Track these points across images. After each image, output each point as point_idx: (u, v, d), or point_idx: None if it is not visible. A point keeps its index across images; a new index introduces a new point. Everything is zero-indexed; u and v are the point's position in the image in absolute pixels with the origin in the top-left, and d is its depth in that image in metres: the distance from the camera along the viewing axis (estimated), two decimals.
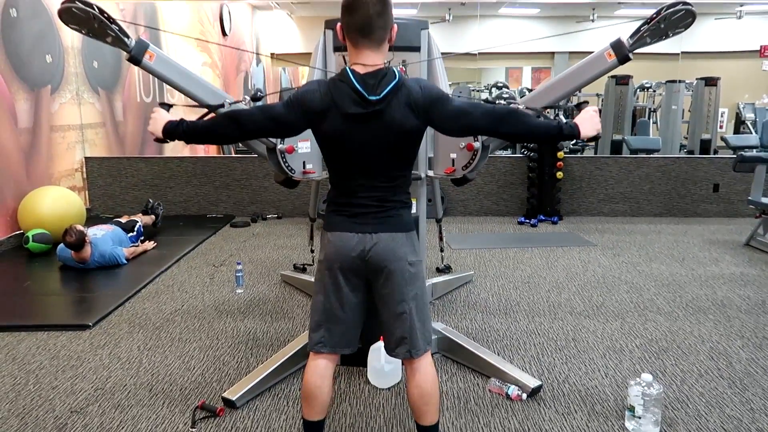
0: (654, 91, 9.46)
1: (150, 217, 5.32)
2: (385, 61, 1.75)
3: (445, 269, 4.17)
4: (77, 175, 5.95)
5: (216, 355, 2.89)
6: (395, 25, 1.74)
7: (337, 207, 1.83)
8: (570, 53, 11.46)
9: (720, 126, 8.82)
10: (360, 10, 1.67)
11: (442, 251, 4.15)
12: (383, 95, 1.67)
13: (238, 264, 3.92)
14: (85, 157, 6.05)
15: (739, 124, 10.13)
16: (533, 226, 5.73)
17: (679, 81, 8.08)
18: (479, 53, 10.24)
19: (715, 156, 7.09)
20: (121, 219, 4.94)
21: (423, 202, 2.86)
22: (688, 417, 2.32)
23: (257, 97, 2.38)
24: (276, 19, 11.50)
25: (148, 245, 4.74)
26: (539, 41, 10.39)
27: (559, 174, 5.93)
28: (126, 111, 6.90)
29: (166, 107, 1.94)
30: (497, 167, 6.13)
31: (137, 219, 4.95)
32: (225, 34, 9.45)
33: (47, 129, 5.43)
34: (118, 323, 3.31)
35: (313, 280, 1.92)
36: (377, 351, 2.53)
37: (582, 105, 1.90)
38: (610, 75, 7.34)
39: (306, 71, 3.33)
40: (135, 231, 4.75)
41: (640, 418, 2.20)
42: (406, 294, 1.80)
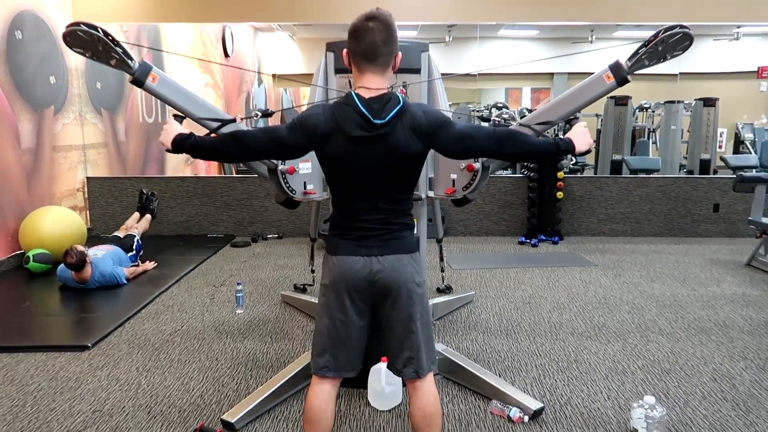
0: (653, 112, 9.50)
1: (147, 220, 5.27)
2: (389, 86, 1.78)
3: (446, 289, 4.16)
4: (79, 195, 5.97)
5: (215, 377, 2.88)
6: (400, 53, 1.77)
7: (341, 230, 1.83)
8: (569, 74, 11.54)
9: (719, 146, 8.84)
10: (366, 36, 1.70)
11: (442, 271, 4.14)
12: (388, 119, 1.70)
13: (238, 284, 3.92)
14: (87, 177, 6.07)
15: (738, 144, 10.16)
16: (534, 246, 5.73)
17: (678, 101, 8.12)
18: (479, 74, 10.31)
19: (715, 176, 7.10)
20: (119, 233, 4.94)
21: (424, 222, 2.87)
22: None
23: (267, 113, 2.41)
24: (278, 41, 11.62)
25: (148, 265, 4.74)
26: (538, 62, 10.48)
27: (560, 194, 5.95)
28: (128, 131, 6.94)
29: (179, 119, 1.97)
30: (497, 187, 6.15)
31: (134, 233, 4.93)
32: (227, 55, 9.53)
33: (49, 149, 5.46)
34: (117, 344, 3.29)
35: (317, 302, 1.92)
36: (378, 373, 2.52)
37: (573, 121, 2.02)
38: (609, 96, 7.38)
39: (307, 92, 3.36)
40: (134, 249, 4.75)
41: None
42: (414, 314, 1.81)
